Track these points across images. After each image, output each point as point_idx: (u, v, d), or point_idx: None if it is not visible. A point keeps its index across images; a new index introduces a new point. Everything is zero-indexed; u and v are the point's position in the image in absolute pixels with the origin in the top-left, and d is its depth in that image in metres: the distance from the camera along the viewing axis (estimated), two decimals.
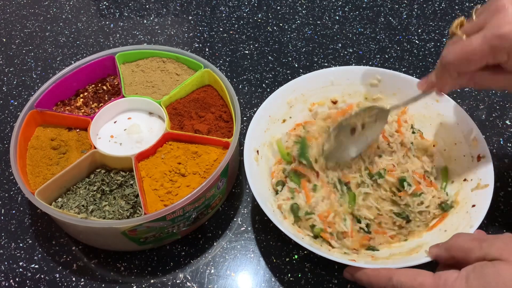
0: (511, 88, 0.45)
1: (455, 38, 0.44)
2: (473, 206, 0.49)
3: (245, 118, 0.68)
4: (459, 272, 0.38)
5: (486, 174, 0.50)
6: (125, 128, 0.60)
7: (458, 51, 0.43)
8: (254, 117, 0.56)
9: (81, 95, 0.64)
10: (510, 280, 0.34)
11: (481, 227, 0.55)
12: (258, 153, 0.55)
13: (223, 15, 0.85)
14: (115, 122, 0.61)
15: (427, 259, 0.43)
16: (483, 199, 0.48)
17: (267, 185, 0.55)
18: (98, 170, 0.56)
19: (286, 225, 0.49)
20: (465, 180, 0.53)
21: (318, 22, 0.83)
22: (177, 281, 0.52)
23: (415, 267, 0.42)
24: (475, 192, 0.50)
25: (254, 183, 0.50)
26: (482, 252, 0.38)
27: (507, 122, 0.67)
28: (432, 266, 0.43)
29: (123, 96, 0.62)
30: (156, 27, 0.83)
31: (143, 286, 0.52)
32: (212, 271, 0.53)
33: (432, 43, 0.78)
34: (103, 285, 0.52)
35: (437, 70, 0.48)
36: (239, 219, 0.58)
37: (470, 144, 0.54)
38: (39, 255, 0.55)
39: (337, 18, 0.84)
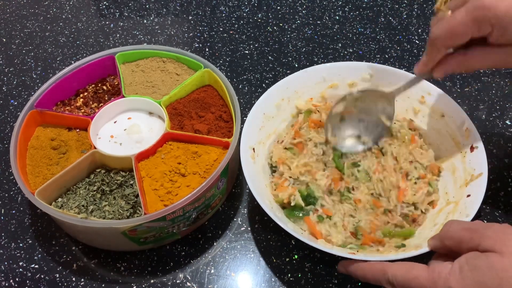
0: (500, 64, 0.46)
1: (440, 15, 0.46)
2: (468, 196, 0.49)
3: (245, 118, 0.68)
4: (453, 264, 0.38)
5: (479, 163, 0.50)
6: (125, 128, 0.60)
7: (443, 26, 0.44)
8: (249, 116, 0.57)
9: (81, 95, 0.64)
10: (503, 271, 0.35)
11: None
12: (254, 151, 0.55)
13: (223, 15, 0.85)
14: (115, 122, 0.61)
15: (422, 250, 0.44)
16: (478, 188, 0.48)
17: (264, 182, 0.55)
18: (98, 170, 0.56)
19: (285, 221, 0.50)
20: (458, 171, 0.53)
21: (318, 22, 0.83)
22: (177, 281, 0.52)
23: (410, 259, 0.42)
24: (470, 183, 0.50)
25: (252, 180, 0.50)
26: (473, 243, 0.38)
27: (507, 122, 0.67)
28: (428, 257, 0.43)
29: (123, 96, 0.62)
30: (156, 27, 0.83)
31: (143, 286, 0.52)
32: (212, 271, 0.53)
33: None
34: (103, 285, 0.52)
35: (427, 49, 0.48)
36: (239, 219, 0.58)
37: (463, 135, 0.54)
38: (39, 255, 0.55)
39: (337, 18, 0.84)
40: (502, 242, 0.36)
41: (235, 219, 0.58)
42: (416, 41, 0.79)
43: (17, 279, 0.53)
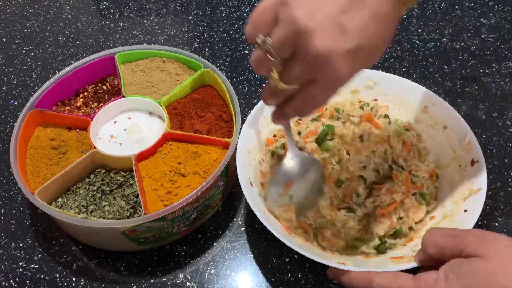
0: None
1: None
2: (465, 211, 0.48)
3: (245, 118, 0.68)
4: (438, 272, 0.38)
5: (479, 178, 0.49)
6: (125, 128, 0.60)
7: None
8: (247, 119, 0.56)
9: (81, 95, 0.64)
10: (487, 276, 0.35)
11: (481, 227, 0.55)
12: (251, 154, 0.55)
13: (223, 15, 0.85)
14: (115, 122, 0.61)
15: (413, 264, 0.43)
16: (476, 204, 0.47)
17: (259, 187, 0.55)
18: (98, 170, 0.56)
19: (278, 228, 0.49)
20: (457, 184, 0.53)
21: None
22: (177, 281, 0.52)
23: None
24: (468, 198, 0.50)
25: (247, 186, 0.50)
26: (456, 249, 0.38)
27: (507, 122, 0.67)
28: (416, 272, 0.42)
29: (123, 96, 0.62)
30: (156, 27, 0.83)
31: (143, 286, 0.52)
32: (212, 271, 0.53)
33: (432, 43, 0.78)
34: (103, 285, 0.52)
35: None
36: (239, 219, 0.58)
37: (464, 149, 0.53)
38: (39, 255, 0.55)
39: None
40: (484, 246, 0.36)
41: (235, 219, 0.58)
42: (416, 41, 0.79)
43: (17, 279, 0.53)
